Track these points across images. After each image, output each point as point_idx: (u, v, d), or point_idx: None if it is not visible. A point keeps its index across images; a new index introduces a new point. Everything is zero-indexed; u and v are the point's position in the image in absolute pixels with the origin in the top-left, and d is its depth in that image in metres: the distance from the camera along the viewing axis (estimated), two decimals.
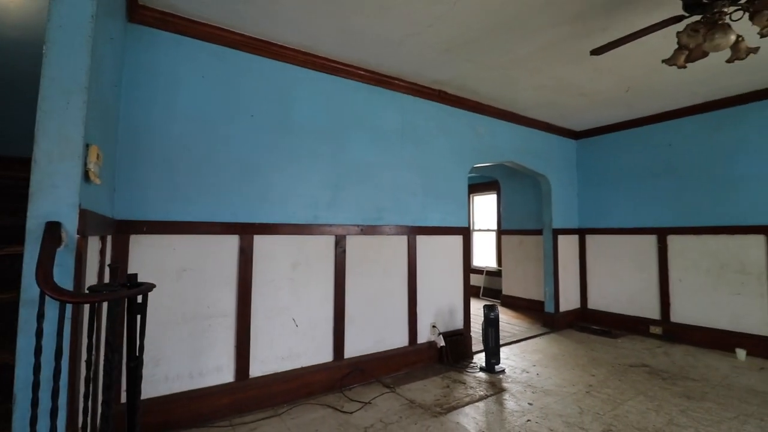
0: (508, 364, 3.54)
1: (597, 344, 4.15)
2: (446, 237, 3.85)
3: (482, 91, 3.85)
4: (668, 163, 4.47)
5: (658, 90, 3.81)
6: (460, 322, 3.87)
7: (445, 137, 3.94)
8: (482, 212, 7.68)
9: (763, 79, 3.55)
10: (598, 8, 2.44)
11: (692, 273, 4.21)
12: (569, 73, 3.43)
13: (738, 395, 2.82)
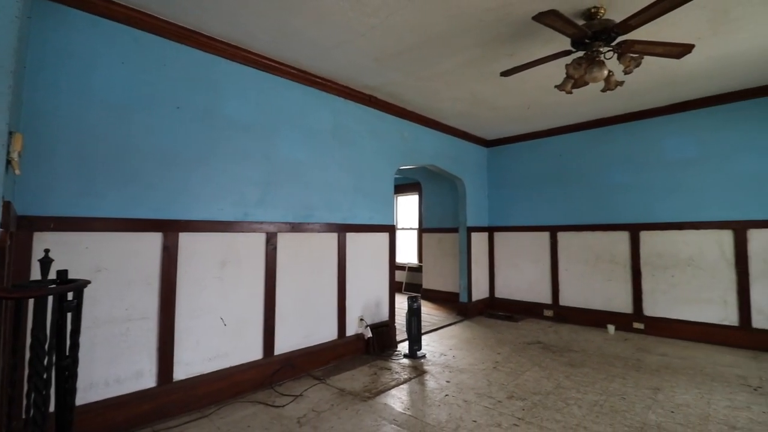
0: (428, 349, 3.87)
1: (502, 327, 4.73)
2: (374, 234, 4.06)
3: (408, 98, 4.14)
4: (559, 170, 5.26)
5: (552, 109, 4.48)
6: (385, 314, 4.12)
7: (375, 140, 4.15)
8: (405, 212, 8.10)
9: (627, 105, 4.39)
10: (506, 37, 2.83)
11: (575, 263, 5.02)
12: (482, 90, 3.87)
13: (607, 361, 3.49)
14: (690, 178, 4.23)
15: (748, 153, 3.92)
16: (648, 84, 3.76)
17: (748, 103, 3.93)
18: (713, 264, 4.05)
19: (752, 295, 3.83)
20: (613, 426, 2.30)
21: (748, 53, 3.12)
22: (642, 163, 4.57)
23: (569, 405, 2.57)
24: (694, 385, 2.91)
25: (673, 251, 4.28)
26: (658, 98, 4.17)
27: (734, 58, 3.20)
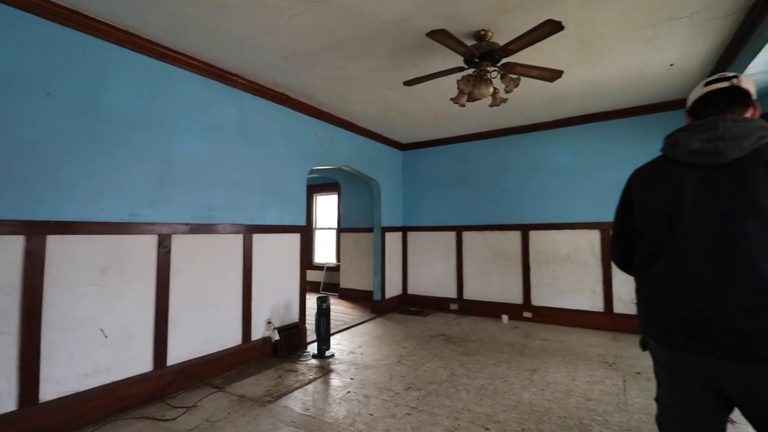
0: (338, 348, 3.93)
1: (412, 322, 4.98)
2: (284, 235, 3.99)
3: (321, 99, 4.15)
4: (464, 175, 5.68)
5: (457, 118, 4.83)
6: (295, 316, 4.08)
7: (287, 139, 4.08)
8: (324, 211, 8.07)
9: (520, 119, 4.90)
10: (410, 48, 2.99)
11: (477, 260, 5.47)
12: (393, 96, 4.03)
13: (498, 348, 3.87)
14: (569, 184, 4.87)
15: (615, 164, 4.63)
16: (534, 101, 4.24)
17: (614, 122, 4.64)
18: (585, 259, 4.72)
19: (614, 285, 4.55)
20: (492, 407, 2.57)
21: (611, 80, 3.69)
22: (532, 171, 5.14)
23: (459, 391, 2.82)
24: (564, 364, 3.38)
25: (555, 248, 4.90)
26: (544, 114, 4.73)
27: (600, 83, 3.76)
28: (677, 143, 1.20)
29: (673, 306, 1.14)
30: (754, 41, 2.65)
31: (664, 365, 1.23)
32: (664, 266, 1.17)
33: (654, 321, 1.21)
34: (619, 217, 1.40)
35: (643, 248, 1.25)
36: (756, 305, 1.01)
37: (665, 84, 3.79)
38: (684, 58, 3.25)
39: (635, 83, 3.77)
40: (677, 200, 1.15)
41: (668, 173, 1.21)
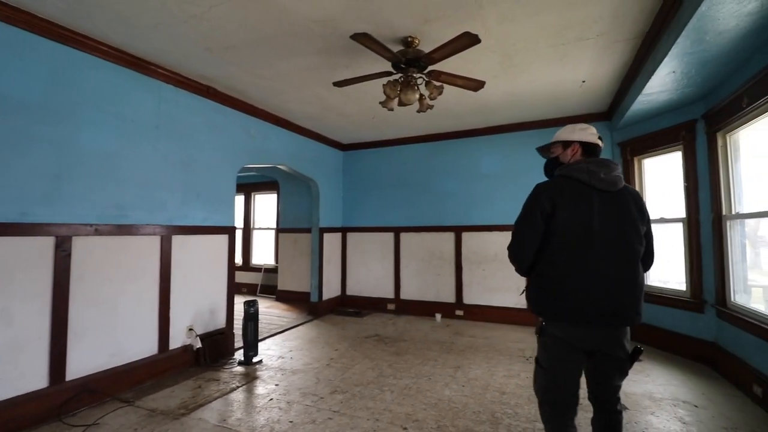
0: (267, 353, 3.81)
1: (348, 324, 4.96)
2: (210, 236, 3.79)
3: (253, 95, 3.99)
4: (403, 177, 5.78)
5: (394, 121, 4.89)
6: (222, 321, 3.89)
7: (215, 135, 3.87)
8: (263, 211, 7.80)
9: (455, 125, 5.08)
10: (341, 49, 2.96)
11: (414, 261, 5.59)
12: (328, 96, 3.98)
13: (428, 346, 3.98)
14: (497, 188, 5.13)
15: (537, 171, 4.95)
16: (466, 109, 4.42)
17: (537, 131, 4.96)
18: None
19: None
20: (413, 406, 2.63)
21: (532, 92, 3.93)
22: (466, 175, 5.35)
23: (383, 392, 2.85)
24: (486, 360, 3.55)
25: (484, 249, 5.14)
26: (475, 121, 4.94)
27: (522, 95, 4.00)
28: (589, 172, 1.60)
29: (588, 295, 1.51)
30: (649, 65, 2.96)
31: (565, 340, 1.57)
32: (580, 266, 1.52)
33: (568, 308, 1.53)
34: (534, 225, 1.62)
35: (559, 252, 1.56)
36: (635, 292, 1.54)
37: (579, 99, 4.13)
38: (594, 76, 3.55)
39: (553, 97, 4.06)
40: (589, 213, 1.55)
41: (581, 192, 1.59)
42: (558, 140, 1.80)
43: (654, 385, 2.93)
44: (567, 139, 1.76)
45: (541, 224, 1.59)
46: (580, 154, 1.73)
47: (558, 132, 1.83)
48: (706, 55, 2.59)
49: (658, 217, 4.09)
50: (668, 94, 3.31)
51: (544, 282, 1.60)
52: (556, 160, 1.82)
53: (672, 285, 3.97)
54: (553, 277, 1.57)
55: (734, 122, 2.95)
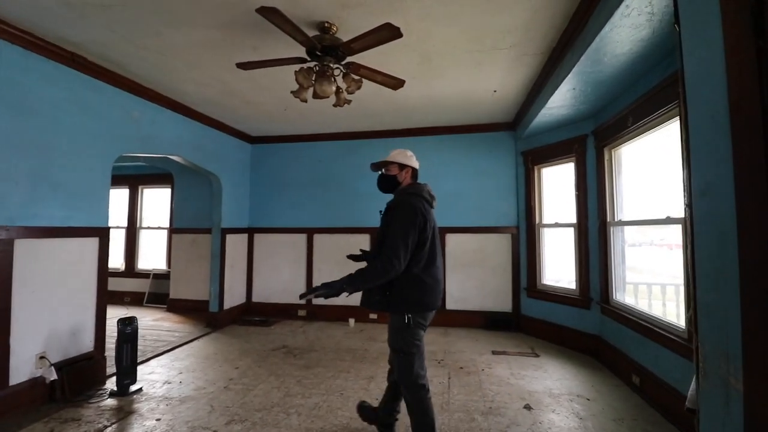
0: (150, 379, 3.21)
1: (253, 335, 4.50)
2: (72, 240, 3.05)
3: (136, 70, 3.33)
4: (318, 175, 5.47)
5: (309, 115, 4.57)
6: (89, 343, 3.17)
7: (83, 114, 3.13)
8: (153, 207, 6.77)
9: (372, 124, 4.95)
10: (248, 26, 2.57)
11: (327, 263, 5.33)
12: (232, 80, 3.51)
13: (340, 356, 3.76)
14: None
15: (448, 175, 5.08)
16: (384, 108, 4.30)
17: (450, 136, 5.09)
18: None
19: (447, 284, 4.98)
20: (324, 428, 2.39)
21: (447, 97, 3.96)
22: None
23: (290, 415, 2.55)
24: None
25: None
26: (394, 122, 4.87)
27: (438, 99, 4.01)
28: (429, 193, 2.19)
29: (438, 287, 2.06)
30: (553, 80, 3.14)
31: (423, 324, 2.04)
32: (433, 266, 2.03)
33: (430, 300, 2.01)
34: (416, 234, 1.95)
35: (424, 255, 1.98)
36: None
37: (490, 107, 4.30)
38: (504, 87, 3.70)
39: (467, 103, 4.15)
40: (434, 226, 2.09)
41: (428, 209, 2.09)
42: (395, 161, 2.17)
43: (551, 381, 3.13)
44: (405, 163, 2.18)
45: (419, 234, 1.96)
46: (410, 176, 2.22)
47: (393, 154, 2.21)
48: (602, 75, 2.83)
49: (553, 222, 4.46)
50: (566, 109, 3.59)
51: (418, 281, 1.96)
52: (395, 179, 2.18)
53: (563, 284, 4.36)
54: (424, 276, 1.98)
55: (619, 139, 3.29)
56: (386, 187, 2.20)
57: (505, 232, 4.90)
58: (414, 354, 1.98)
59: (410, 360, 1.97)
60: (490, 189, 4.98)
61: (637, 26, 2.11)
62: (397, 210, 1.97)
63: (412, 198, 2.04)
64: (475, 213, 4.99)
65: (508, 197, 4.93)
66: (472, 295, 4.92)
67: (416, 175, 2.24)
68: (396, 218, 1.94)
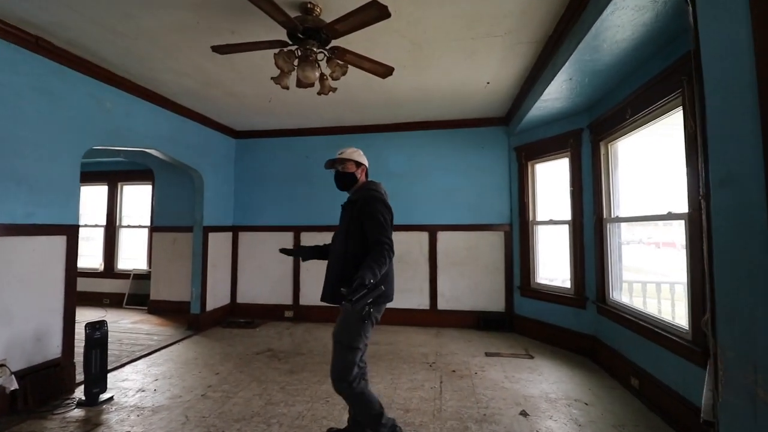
0: (123, 386, 3.00)
1: (237, 337, 4.30)
2: (34, 239, 2.83)
3: (108, 56, 3.11)
4: (305, 172, 5.28)
5: (296, 108, 4.38)
6: (56, 349, 2.95)
7: (48, 103, 2.91)
8: (133, 205, 6.51)
9: (361, 118, 4.77)
10: (224, 8, 2.39)
11: (315, 263, 5.11)
12: (212, 68, 3.31)
13: (327, 359, 3.55)
14: (403, 187, 4.98)
15: (439, 171, 4.93)
16: (373, 100, 4.13)
17: (441, 131, 4.94)
18: (416, 259, 4.91)
19: (438, 283, 4.84)
20: None
21: (437, 88, 3.80)
22: (371, 172, 5.06)
23: (271, 426, 2.38)
24: (389, 370, 3.31)
25: None
26: (383, 116, 4.70)
27: (429, 90, 3.85)
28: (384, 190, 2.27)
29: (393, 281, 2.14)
30: (549, 70, 3.01)
31: (378, 318, 2.04)
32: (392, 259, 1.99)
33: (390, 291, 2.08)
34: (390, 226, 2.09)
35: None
36: None
37: (482, 100, 4.15)
38: (497, 79, 3.56)
39: (459, 96, 4.01)
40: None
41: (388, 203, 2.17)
42: (352, 159, 2.21)
43: (548, 384, 3.00)
44: (360, 161, 2.24)
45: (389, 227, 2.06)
46: (365, 174, 2.31)
47: (348, 152, 2.23)
48: (600, 64, 2.70)
49: (547, 219, 4.35)
50: (562, 101, 3.46)
51: (384, 272, 1.91)
52: (353, 176, 2.22)
53: (557, 283, 4.25)
54: (389, 268, 2.01)
55: (616, 132, 3.18)
56: (344, 184, 2.23)
57: (498, 230, 4.77)
58: (361, 350, 1.98)
59: (355, 356, 1.96)
60: (482, 186, 4.85)
61: (641, 8, 1.98)
62: (371, 205, 2.01)
63: (378, 194, 2.12)
64: (467, 210, 4.86)
65: (501, 194, 4.80)
66: (464, 295, 4.79)
67: (367, 173, 2.36)
68: (374, 212, 1.99)
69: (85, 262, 6.51)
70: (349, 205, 2.13)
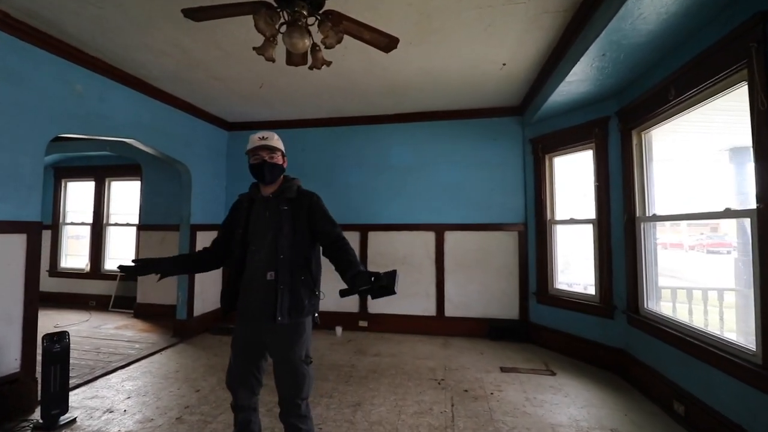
0: (90, 405, 2.64)
1: (225, 346, 3.93)
2: None
3: (74, 31, 2.73)
4: (302, 165, 4.87)
5: (289, 94, 3.99)
6: (14, 363, 2.58)
7: (5, 84, 2.54)
8: (121, 202, 6.15)
9: (362, 108, 4.38)
10: None
11: None
12: (192, 45, 2.93)
13: (323, 374, 3.21)
14: (408, 183, 4.59)
15: (446, 165, 4.54)
16: (375, 87, 3.75)
17: (449, 122, 4.54)
18: (420, 261, 4.52)
19: (446, 288, 4.44)
20: None
21: (447, 71, 3.40)
22: (373, 167, 4.71)
23: None
24: (392, 389, 2.91)
25: (392, 250, 4.57)
26: (386, 105, 4.31)
27: (437, 74, 3.45)
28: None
29: None
30: (578, 45, 2.61)
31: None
32: None
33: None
34: None
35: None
36: None
37: (496, 86, 3.75)
38: (515, 59, 3.16)
39: (471, 81, 3.61)
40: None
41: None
42: (280, 149, 1.85)
43: (576, 408, 2.60)
44: (284, 153, 1.89)
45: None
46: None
47: (275, 139, 1.84)
48: (640, 36, 2.29)
49: (567, 218, 3.94)
50: (588, 84, 3.06)
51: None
52: (282, 169, 1.86)
53: (579, 289, 3.85)
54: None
55: (653, 118, 2.77)
56: (273, 177, 1.80)
57: (512, 230, 4.37)
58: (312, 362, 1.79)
59: (311, 369, 1.78)
60: (494, 181, 4.44)
61: None
62: (320, 202, 1.86)
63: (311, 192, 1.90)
64: (477, 208, 4.46)
65: (515, 191, 4.39)
66: (474, 300, 4.39)
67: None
68: (325, 209, 1.85)
69: (71, 263, 6.18)
70: (289, 204, 1.78)
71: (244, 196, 1.89)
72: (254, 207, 1.82)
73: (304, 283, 1.71)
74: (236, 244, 1.74)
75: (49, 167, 6.15)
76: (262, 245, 1.73)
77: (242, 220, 1.78)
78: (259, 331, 1.72)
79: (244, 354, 1.77)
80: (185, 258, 2.04)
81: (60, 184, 6.19)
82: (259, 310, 1.68)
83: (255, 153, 1.77)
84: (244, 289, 1.74)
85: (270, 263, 1.68)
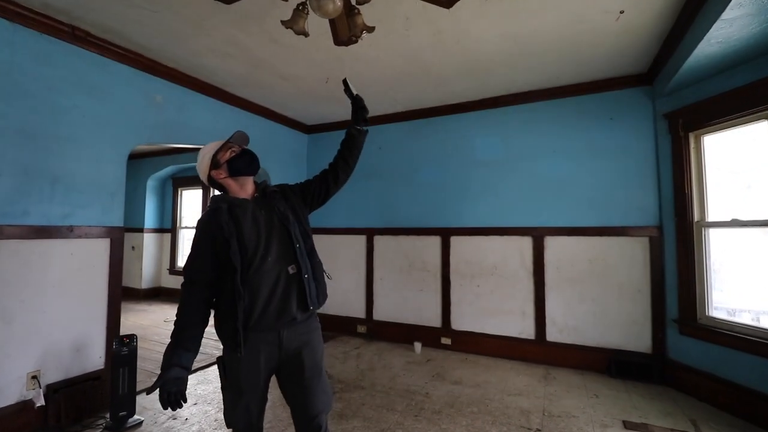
0: (158, 408, 2.65)
1: None
2: (77, 242, 2.64)
3: (140, 39, 2.81)
4: (377, 165, 4.57)
5: (358, 87, 3.65)
6: (98, 360, 2.74)
7: (86, 97, 2.73)
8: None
9: (440, 96, 3.86)
10: None
11: (391, 272, 4.39)
12: (250, 43, 2.80)
13: (391, 402, 2.78)
14: (497, 180, 3.90)
15: (546, 156, 3.72)
16: (451, 68, 3.21)
17: (545, 103, 3.72)
18: (515, 272, 3.77)
19: (547, 306, 3.63)
20: None
21: (540, 33, 2.69)
22: (456, 162, 4.13)
23: None
24: None
25: (479, 258, 3.92)
26: (467, 90, 3.71)
27: (526, 39, 2.75)
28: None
29: None
30: None
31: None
32: None
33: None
34: None
35: None
36: None
37: (612, 47, 2.87)
38: (637, 4, 2.32)
39: (574, 43, 2.81)
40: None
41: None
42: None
43: None
44: None
45: None
46: None
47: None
48: None
49: (727, 219, 2.82)
50: (756, 25, 2.06)
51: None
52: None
53: (747, 319, 2.71)
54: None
55: None
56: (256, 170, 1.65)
57: (639, 235, 3.34)
58: None
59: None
60: (612, 173, 3.47)
61: None
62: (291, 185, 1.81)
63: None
64: (588, 207, 3.54)
65: (643, 183, 3.36)
66: (585, 324, 3.48)
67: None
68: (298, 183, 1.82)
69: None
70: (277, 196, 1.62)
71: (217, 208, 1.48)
72: (238, 212, 1.47)
73: (320, 265, 1.63)
74: (232, 254, 1.39)
75: (168, 178, 7.00)
76: (270, 245, 1.47)
77: (232, 229, 1.42)
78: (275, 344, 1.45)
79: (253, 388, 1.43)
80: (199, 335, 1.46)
81: (177, 193, 6.99)
82: (283, 311, 1.44)
83: (228, 148, 1.59)
84: (262, 302, 1.40)
85: (287, 257, 1.49)
